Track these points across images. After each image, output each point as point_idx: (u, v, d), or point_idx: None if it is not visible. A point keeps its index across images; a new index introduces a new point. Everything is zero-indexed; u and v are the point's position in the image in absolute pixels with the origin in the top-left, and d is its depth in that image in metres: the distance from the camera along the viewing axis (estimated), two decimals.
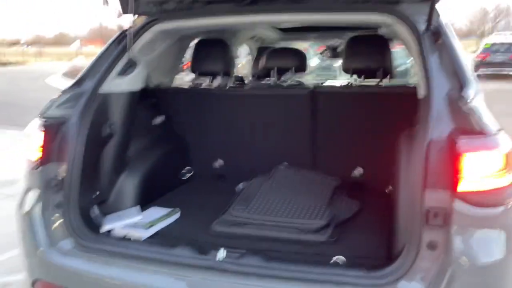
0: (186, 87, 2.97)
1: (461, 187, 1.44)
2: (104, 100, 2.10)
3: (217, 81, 2.75)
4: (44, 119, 1.92)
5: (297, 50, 3.17)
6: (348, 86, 2.68)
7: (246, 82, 3.78)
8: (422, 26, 1.80)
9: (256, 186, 2.40)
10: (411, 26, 1.83)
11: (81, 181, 1.91)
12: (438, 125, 1.50)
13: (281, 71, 2.86)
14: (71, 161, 1.89)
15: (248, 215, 2.10)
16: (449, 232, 1.44)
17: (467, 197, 1.44)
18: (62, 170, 1.89)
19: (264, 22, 2.87)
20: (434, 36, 1.77)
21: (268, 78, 3.02)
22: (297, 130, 2.63)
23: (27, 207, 1.91)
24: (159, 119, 2.68)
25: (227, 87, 2.81)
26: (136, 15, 2.22)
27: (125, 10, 2.15)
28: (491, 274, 1.48)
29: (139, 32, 2.19)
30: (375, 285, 1.49)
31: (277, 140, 2.70)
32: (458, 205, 1.44)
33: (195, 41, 2.82)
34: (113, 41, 2.21)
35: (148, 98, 2.57)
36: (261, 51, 3.91)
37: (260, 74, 3.50)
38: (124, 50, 2.14)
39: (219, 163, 2.87)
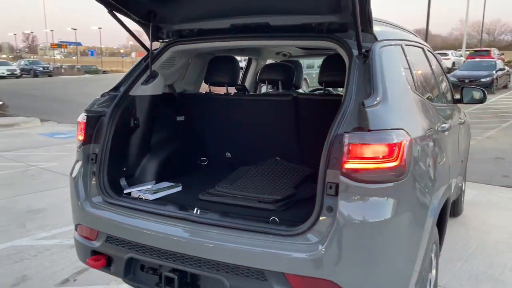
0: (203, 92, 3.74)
1: (345, 168, 2.04)
2: (132, 101, 2.93)
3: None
4: (87, 113, 2.79)
5: (286, 65, 3.86)
6: (323, 94, 3.29)
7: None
8: (355, 51, 2.40)
9: (244, 172, 3.11)
10: (347, 50, 2.43)
11: (109, 158, 2.73)
12: (342, 124, 2.10)
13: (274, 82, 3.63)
14: (103, 143, 2.72)
15: (228, 190, 2.82)
16: (338, 199, 2.04)
17: (349, 175, 2.04)
18: (97, 149, 2.73)
19: (248, 46, 3.65)
20: (363, 59, 2.36)
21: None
22: (286, 130, 3.29)
23: (74, 173, 2.79)
24: (180, 118, 3.48)
25: (233, 94, 3.56)
26: (161, 41, 3.06)
27: (152, 39, 2.98)
28: (371, 230, 2.04)
29: (160, 52, 3.01)
30: (288, 235, 2.14)
31: (271, 137, 3.38)
32: (343, 180, 2.04)
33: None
34: (141, 59, 3.06)
35: (171, 101, 3.37)
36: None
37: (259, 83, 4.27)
38: (147, 67, 2.98)
39: (227, 155, 3.61)
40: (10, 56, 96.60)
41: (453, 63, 29.70)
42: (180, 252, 2.30)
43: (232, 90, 3.69)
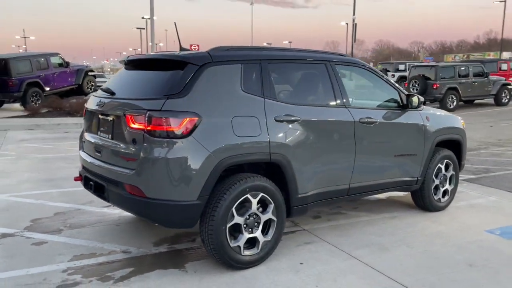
0: None
1: (148, 128, 3.37)
2: None
3: None
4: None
5: None
6: None
7: None
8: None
9: None
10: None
11: None
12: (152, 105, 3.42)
13: None
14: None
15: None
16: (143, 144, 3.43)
17: (150, 132, 3.35)
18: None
19: None
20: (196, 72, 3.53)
21: None
22: None
23: (81, 132, 3.46)
24: None
25: None
26: None
27: None
28: (159, 161, 3.31)
29: None
30: (123, 166, 3.59)
31: None
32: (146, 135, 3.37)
33: None
34: None
35: None
36: None
37: None
38: None
39: None
40: None
41: None
42: (96, 172, 3.86)
43: None
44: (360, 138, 4.32)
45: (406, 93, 4.85)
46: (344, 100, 4.28)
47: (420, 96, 4.87)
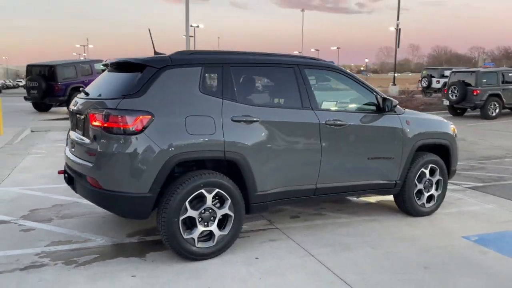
0: None
1: (104, 125, 3.71)
2: None
3: None
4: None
5: None
6: None
7: None
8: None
9: None
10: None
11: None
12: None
13: None
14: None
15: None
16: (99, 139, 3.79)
17: (107, 128, 3.67)
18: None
19: None
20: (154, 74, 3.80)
21: None
22: None
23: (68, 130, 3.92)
24: None
25: None
26: None
27: None
28: (111, 155, 3.66)
29: None
30: (88, 160, 3.92)
31: None
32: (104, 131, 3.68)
33: None
34: None
35: None
36: None
37: None
38: None
39: None
40: None
41: None
42: (70, 165, 4.26)
43: None
44: (327, 140, 4.41)
45: (384, 96, 4.88)
46: (311, 103, 4.40)
47: (394, 100, 4.87)
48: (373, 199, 5.95)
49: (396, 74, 33.91)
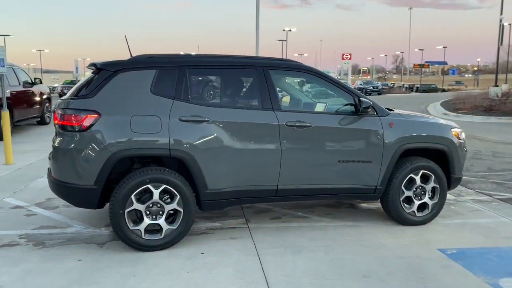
0: None
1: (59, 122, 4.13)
2: None
3: None
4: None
5: None
6: None
7: None
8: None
9: None
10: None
11: None
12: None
13: None
14: None
15: None
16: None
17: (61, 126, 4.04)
18: None
19: None
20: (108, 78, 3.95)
21: None
22: None
23: None
24: None
25: None
26: None
27: None
28: (64, 150, 4.05)
29: None
30: None
31: None
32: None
33: None
34: None
35: None
36: None
37: None
38: None
39: None
40: (375, 77, 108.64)
41: None
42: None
43: None
44: (288, 141, 4.38)
45: (360, 97, 4.67)
46: (273, 104, 4.41)
47: (367, 101, 4.62)
48: (374, 205, 5.69)
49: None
